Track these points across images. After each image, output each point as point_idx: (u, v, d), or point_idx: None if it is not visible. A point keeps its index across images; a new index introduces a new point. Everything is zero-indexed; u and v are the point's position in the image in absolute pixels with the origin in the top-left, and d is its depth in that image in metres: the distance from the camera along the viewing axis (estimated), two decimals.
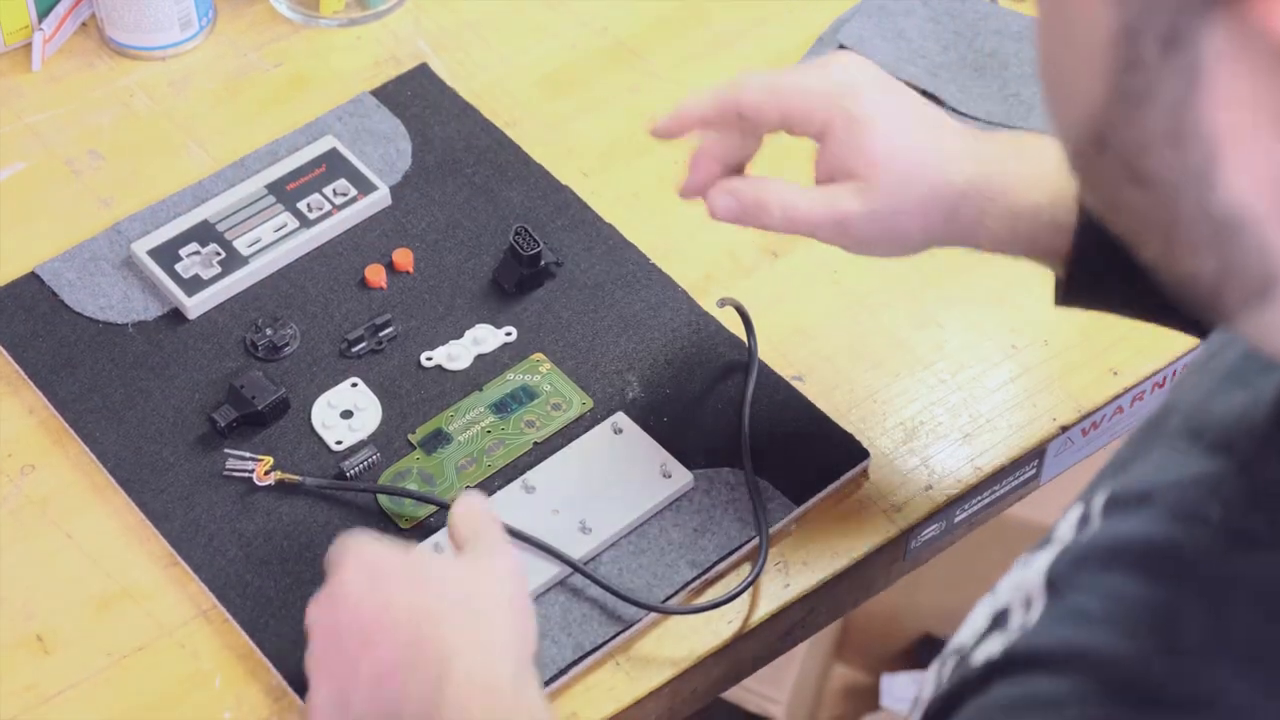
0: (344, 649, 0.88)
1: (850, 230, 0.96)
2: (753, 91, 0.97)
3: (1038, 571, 0.66)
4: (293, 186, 1.18)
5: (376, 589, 0.89)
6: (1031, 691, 0.62)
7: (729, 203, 0.98)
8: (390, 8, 1.31)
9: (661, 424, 1.08)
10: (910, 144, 0.96)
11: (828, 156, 0.96)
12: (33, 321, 1.13)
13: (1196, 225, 0.53)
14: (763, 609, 1.02)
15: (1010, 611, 0.66)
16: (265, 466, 1.04)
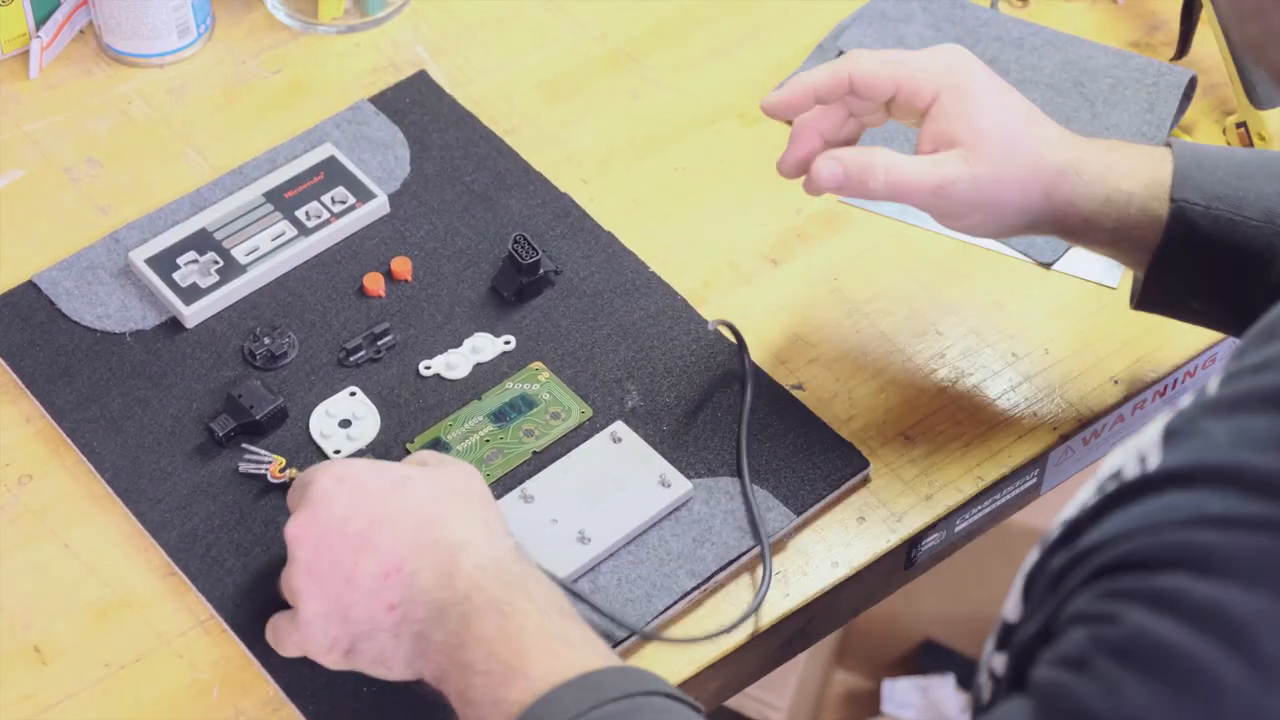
0: (337, 558, 0.92)
1: (951, 195, 1.00)
2: (867, 62, 1.02)
3: (1151, 435, 0.71)
4: (291, 194, 1.18)
5: (362, 496, 0.93)
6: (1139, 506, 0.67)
7: (834, 168, 1.01)
8: (389, 14, 1.31)
9: (661, 433, 1.08)
10: (1014, 121, 1.01)
11: (934, 127, 1.01)
12: (30, 330, 1.12)
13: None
14: (763, 619, 1.02)
15: (1123, 469, 0.71)
16: (279, 465, 1.04)
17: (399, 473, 0.95)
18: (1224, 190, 1.00)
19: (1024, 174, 1.00)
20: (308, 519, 0.93)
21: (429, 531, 0.92)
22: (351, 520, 0.92)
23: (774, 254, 1.18)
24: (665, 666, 1.00)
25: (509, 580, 0.90)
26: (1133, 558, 0.66)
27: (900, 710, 1.88)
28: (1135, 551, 0.66)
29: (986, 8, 1.31)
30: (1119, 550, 0.67)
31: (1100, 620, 0.66)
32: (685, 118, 1.25)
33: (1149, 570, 0.65)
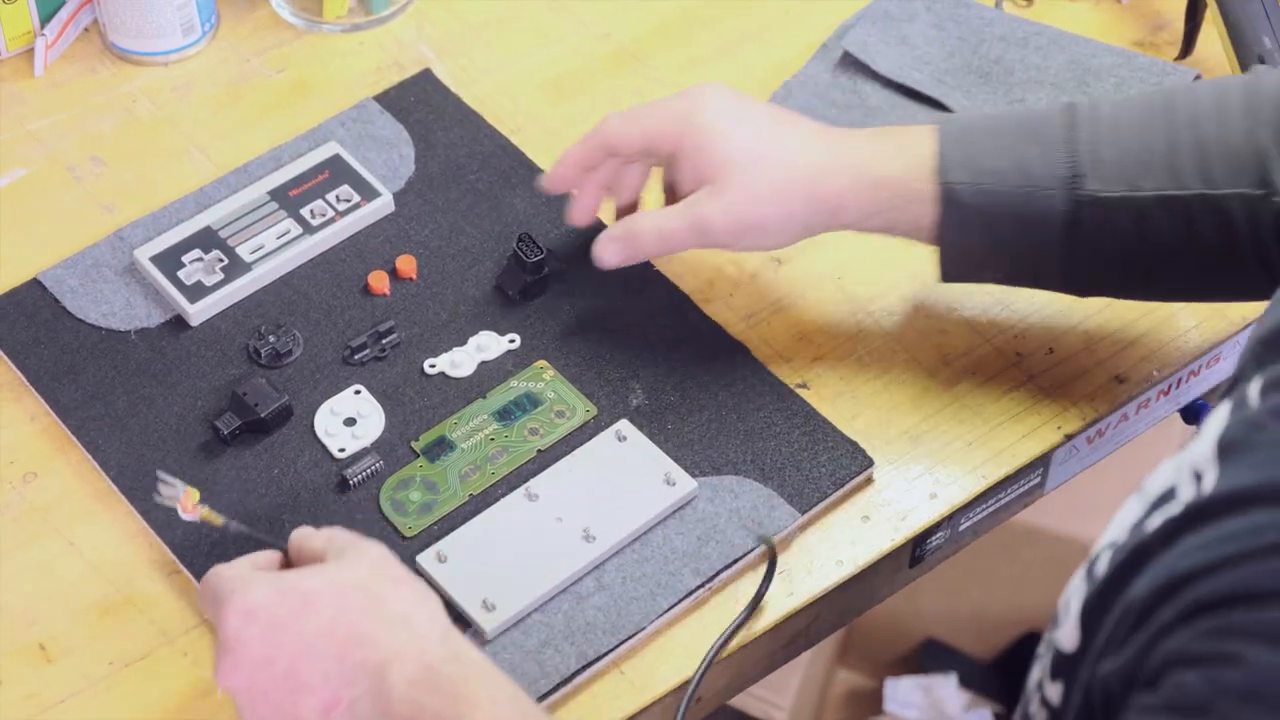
0: (276, 702, 0.88)
1: (711, 230, 1.05)
2: (614, 123, 1.08)
3: (1205, 448, 0.69)
4: (295, 193, 1.18)
5: (274, 633, 0.88)
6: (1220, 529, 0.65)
7: (612, 249, 1.08)
8: (393, 13, 1.31)
9: (666, 431, 1.08)
10: (756, 140, 1.05)
11: (684, 173, 1.06)
12: (35, 328, 1.12)
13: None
14: (767, 618, 1.02)
15: (1177, 488, 0.69)
16: (192, 499, 0.98)
17: (302, 588, 0.90)
18: (988, 163, 1.02)
19: (777, 187, 1.04)
20: (230, 667, 0.88)
21: (353, 654, 0.88)
22: (275, 662, 0.88)
23: (778, 253, 1.18)
24: (669, 665, 1.00)
25: (446, 689, 0.87)
26: (1239, 590, 0.63)
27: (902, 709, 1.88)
28: (1241, 582, 0.63)
29: (990, 7, 1.31)
30: (1221, 582, 0.64)
31: (1216, 661, 0.63)
32: None
33: (1263, 603, 0.63)
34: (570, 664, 0.99)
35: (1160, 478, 0.72)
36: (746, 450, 1.07)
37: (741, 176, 1.04)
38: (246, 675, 0.88)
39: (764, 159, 1.04)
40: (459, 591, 1.00)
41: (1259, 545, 0.64)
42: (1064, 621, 0.74)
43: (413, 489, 1.05)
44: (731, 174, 1.04)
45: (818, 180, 1.04)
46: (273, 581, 0.90)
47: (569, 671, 0.99)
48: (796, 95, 1.26)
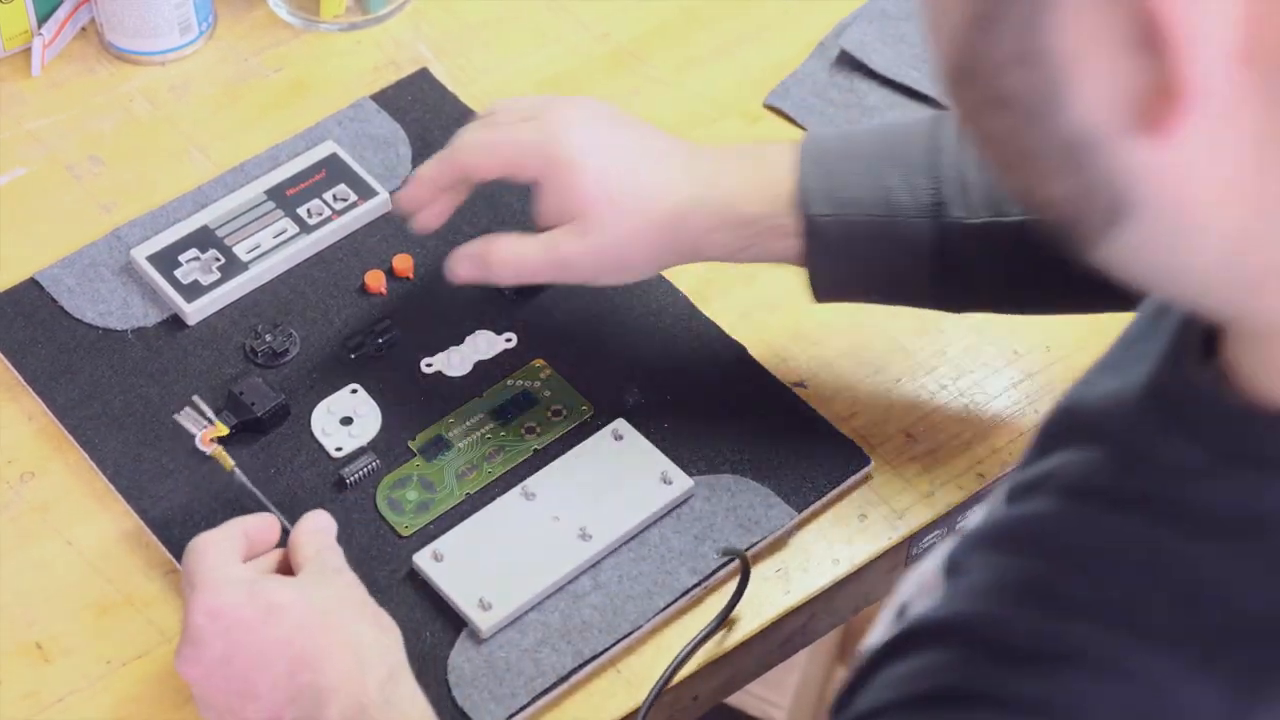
0: (226, 701, 0.91)
1: (573, 269, 1.03)
2: (469, 152, 1.04)
3: (936, 562, 0.69)
4: (292, 192, 1.18)
5: (235, 635, 0.91)
6: (916, 664, 0.64)
7: (466, 265, 1.05)
8: (390, 12, 1.31)
9: (662, 430, 1.08)
10: (621, 177, 1.01)
11: (547, 203, 1.03)
12: (32, 328, 1.12)
13: (1051, 147, 0.55)
14: (763, 616, 1.02)
15: (910, 604, 0.69)
16: (214, 434, 1.04)
17: (271, 597, 0.92)
18: (849, 194, 1.00)
19: (640, 229, 1.01)
20: (190, 657, 0.91)
21: (302, 675, 0.90)
22: (230, 662, 0.91)
23: None
24: (667, 662, 1.00)
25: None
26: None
27: None
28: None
29: None
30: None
31: None
32: (687, 117, 1.25)
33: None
34: (567, 663, 0.99)
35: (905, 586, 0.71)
36: (743, 449, 1.07)
37: (604, 217, 1.01)
38: (203, 669, 0.91)
39: (626, 199, 1.01)
40: (455, 590, 1.00)
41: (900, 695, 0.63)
42: None
43: (409, 488, 1.05)
44: (594, 214, 1.01)
45: (681, 221, 1.01)
46: (245, 583, 0.93)
47: (565, 670, 0.99)
48: (794, 94, 1.26)
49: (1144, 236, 0.55)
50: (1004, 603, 0.63)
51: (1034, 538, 0.64)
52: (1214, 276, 0.56)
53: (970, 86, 0.56)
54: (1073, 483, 0.64)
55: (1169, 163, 0.53)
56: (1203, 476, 0.59)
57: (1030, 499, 0.66)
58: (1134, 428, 0.63)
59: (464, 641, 1.00)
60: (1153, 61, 0.51)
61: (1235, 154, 0.52)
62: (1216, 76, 0.50)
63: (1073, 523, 0.63)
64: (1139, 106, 0.52)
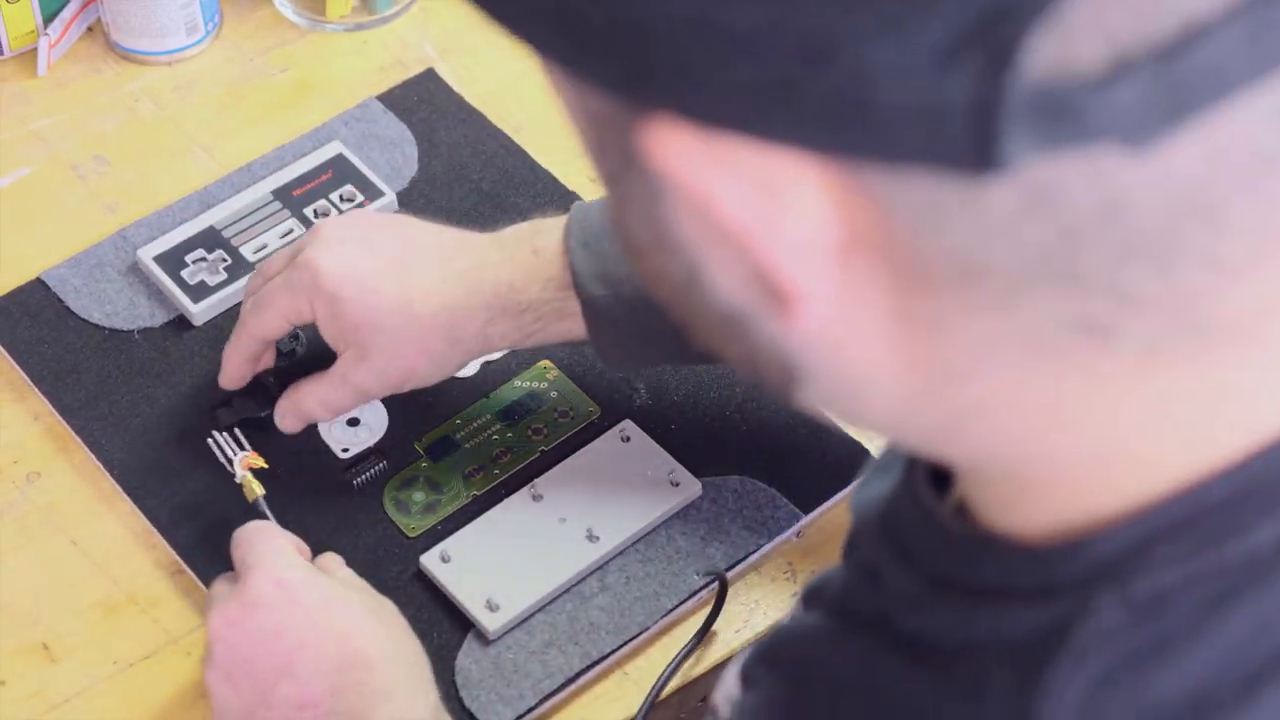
0: (256, 673, 0.89)
1: (370, 393, 1.03)
2: (253, 317, 1.04)
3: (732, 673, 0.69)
4: (299, 192, 1.18)
5: (295, 611, 0.90)
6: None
7: (290, 421, 1.06)
8: (397, 12, 1.31)
9: (669, 432, 1.08)
10: (383, 293, 1.00)
11: (326, 334, 1.03)
12: (38, 328, 1.12)
13: (711, 319, 0.54)
14: (771, 618, 1.02)
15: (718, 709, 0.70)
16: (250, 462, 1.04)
17: (336, 591, 0.93)
18: (620, 270, 0.99)
19: (417, 341, 1.01)
20: (237, 617, 0.90)
21: (353, 673, 0.89)
22: (280, 636, 0.90)
23: None
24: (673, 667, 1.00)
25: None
26: None
27: None
28: None
29: None
30: None
31: None
32: None
33: None
34: (574, 664, 0.99)
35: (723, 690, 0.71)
36: (750, 450, 1.07)
37: (380, 338, 1.01)
38: (247, 636, 0.90)
39: (396, 315, 1.00)
40: (462, 591, 1.00)
41: None
42: None
43: (416, 489, 1.05)
44: (369, 338, 1.01)
45: (456, 323, 1.01)
46: (311, 570, 0.93)
47: (572, 672, 0.99)
48: None
49: (822, 393, 0.54)
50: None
51: (793, 654, 0.64)
52: (900, 426, 0.55)
53: (633, 260, 0.56)
54: (835, 596, 0.64)
55: (814, 336, 0.51)
56: (916, 603, 0.58)
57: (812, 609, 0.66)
58: (874, 546, 0.62)
59: (471, 643, 0.99)
60: None
61: (872, 328, 0.50)
62: (818, 274, 0.48)
63: (823, 642, 0.63)
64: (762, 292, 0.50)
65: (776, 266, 0.48)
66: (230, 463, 1.04)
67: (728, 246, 0.49)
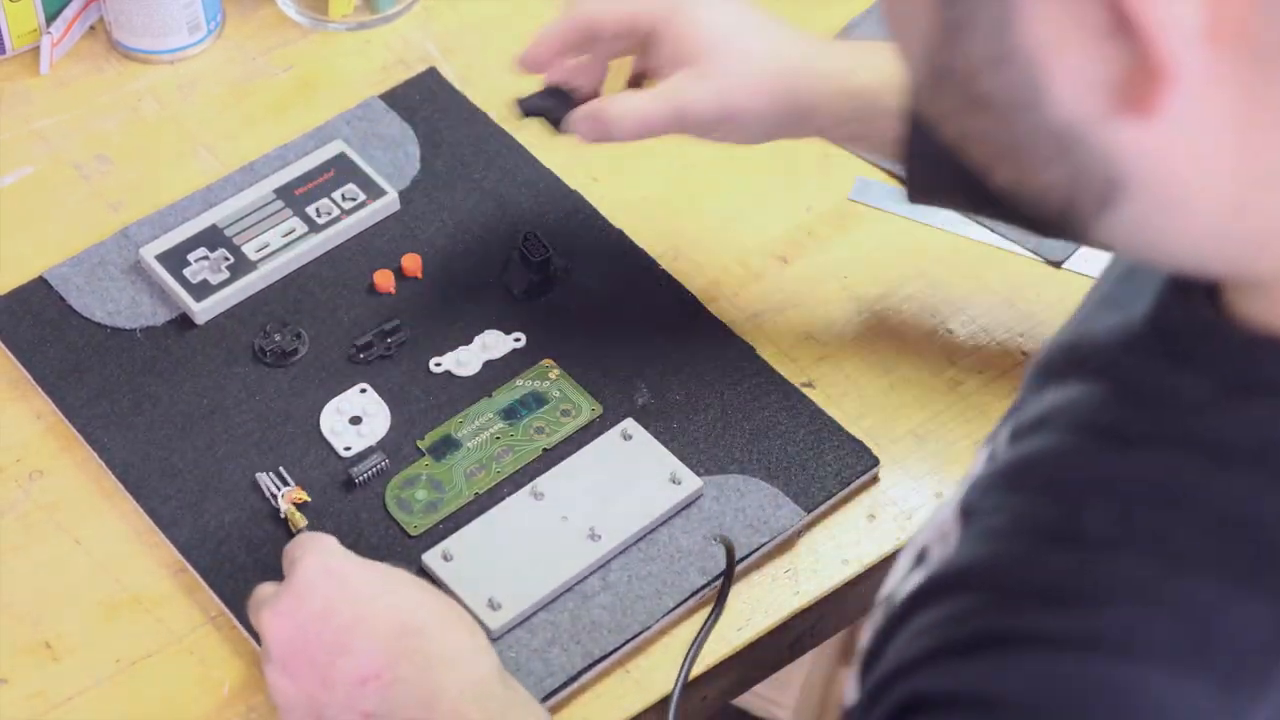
0: (313, 656, 0.89)
1: (690, 115, 1.02)
2: (593, 3, 1.05)
3: (952, 506, 0.69)
4: (301, 191, 1.18)
5: (346, 592, 0.90)
6: (943, 611, 0.64)
7: (586, 126, 1.05)
8: (399, 11, 1.31)
9: (671, 430, 1.08)
10: (742, 30, 1.02)
11: (666, 51, 1.03)
12: (40, 327, 1.12)
13: (1037, 141, 0.56)
14: (772, 617, 1.02)
15: (929, 548, 0.69)
16: (295, 496, 1.04)
17: (384, 570, 0.93)
18: None
19: (759, 78, 1.02)
20: (288, 608, 0.90)
21: (411, 640, 0.89)
22: (333, 616, 0.89)
23: (784, 252, 1.18)
24: (676, 662, 1.00)
25: (494, 709, 0.88)
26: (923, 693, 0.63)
27: None
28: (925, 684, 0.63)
29: None
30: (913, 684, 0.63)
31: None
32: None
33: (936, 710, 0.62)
34: (576, 663, 0.99)
35: (924, 532, 0.71)
36: (752, 449, 1.07)
37: (724, 64, 1.01)
38: (297, 623, 0.89)
39: (748, 51, 1.02)
40: (464, 590, 1.00)
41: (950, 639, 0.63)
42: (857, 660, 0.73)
43: (418, 487, 1.05)
44: (714, 60, 1.01)
45: (796, 80, 1.02)
46: (359, 558, 0.93)
47: (574, 670, 0.99)
48: None
49: (1137, 214, 0.56)
50: (1029, 543, 0.63)
51: (1048, 475, 0.65)
52: (1210, 245, 0.57)
53: (947, 92, 0.57)
54: (1081, 419, 0.65)
55: (1153, 142, 0.54)
56: (1213, 408, 0.60)
57: (1034, 437, 0.66)
58: (1140, 362, 0.63)
59: None
60: (1125, 47, 0.52)
61: (1216, 130, 0.53)
62: (1188, 56, 0.51)
63: (1086, 458, 0.63)
64: (1118, 91, 0.53)
65: (1160, 41, 0.51)
66: (275, 498, 1.04)
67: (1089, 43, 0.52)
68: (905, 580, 0.69)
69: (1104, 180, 0.55)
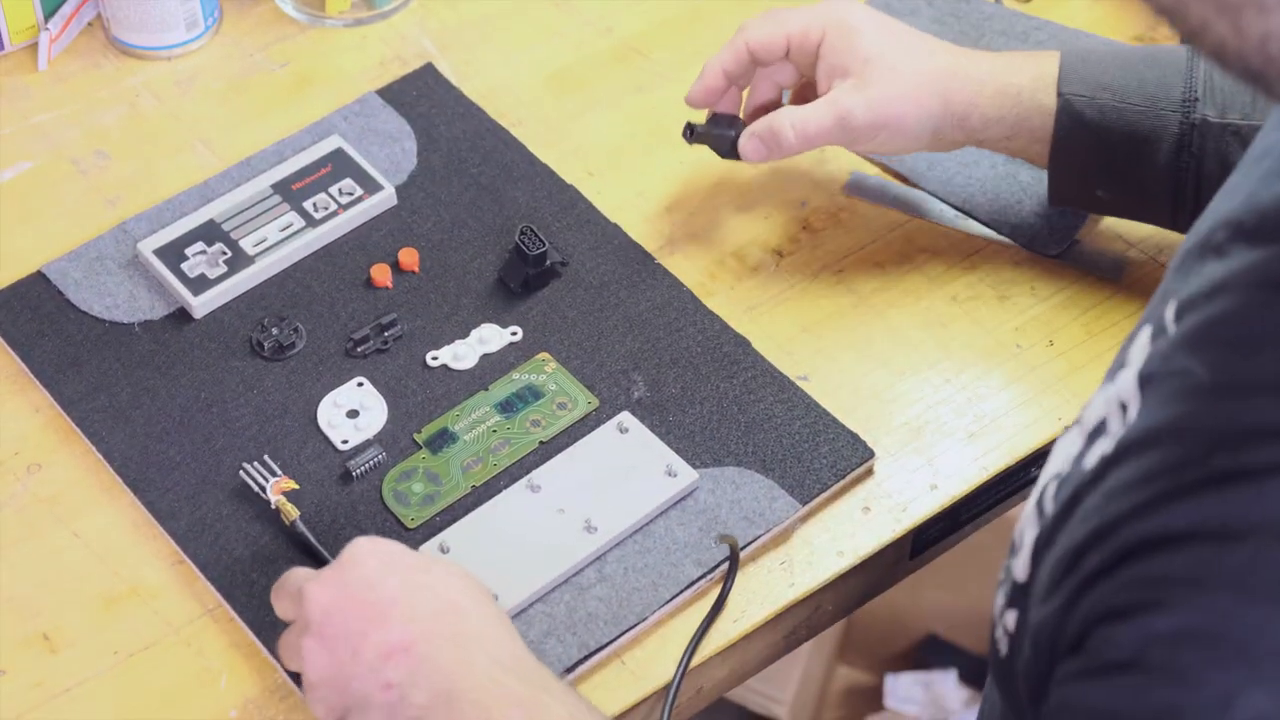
0: (348, 626, 0.90)
1: (853, 123, 1.08)
2: (756, 27, 1.11)
3: (1128, 380, 0.70)
4: (298, 186, 1.18)
5: (392, 568, 0.91)
6: (1154, 463, 0.65)
7: (755, 145, 1.11)
8: (396, 7, 1.31)
9: (667, 423, 1.08)
10: (897, 42, 1.09)
11: (826, 65, 1.09)
12: (39, 321, 1.13)
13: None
14: (767, 608, 1.03)
15: (1107, 420, 0.71)
16: (284, 486, 1.04)
17: (429, 559, 0.94)
18: (1107, 80, 1.07)
19: (914, 86, 1.08)
20: (333, 577, 0.91)
21: (448, 618, 0.90)
22: (376, 588, 0.90)
23: (780, 246, 1.18)
24: (670, 656, 1.00)
25: (531, 679, 0.89)
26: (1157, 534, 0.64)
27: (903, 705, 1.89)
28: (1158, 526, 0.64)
29: (991, 2, 1.31)
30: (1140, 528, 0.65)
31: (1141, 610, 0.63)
32: (691, 111, 1.25)
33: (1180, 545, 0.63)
34: (572, 654, 0.99)
35: (1094, 409, 0.73)
36: (748, 442, 1.07)
37: (883, 73, 1.08)
38: (341, 589, 0.90)
39: (903, 59, 1.08)
40: None
41: (1170, 486, 0.64)
42: (1019, 551, 0.75)
43: (415, 480, 1.06)
44: (873, 69, 1.08)
45: (951, 84, 1.09)
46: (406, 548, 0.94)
47: (571, 661, 0.99)
48: None
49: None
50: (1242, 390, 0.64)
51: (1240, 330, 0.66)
52: None
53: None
54: (1266, 276, 0.66)
55: None
56: None
57: (1212, 304, 0.67)
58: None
59: None
60: None
61: None
62: None
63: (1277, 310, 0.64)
64: None
65: None
66: (263, 490, 1.04)
67: None
68: (1085, 454, 0.71)
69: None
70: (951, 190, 1.21)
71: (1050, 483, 0.74)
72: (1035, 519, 0.75)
